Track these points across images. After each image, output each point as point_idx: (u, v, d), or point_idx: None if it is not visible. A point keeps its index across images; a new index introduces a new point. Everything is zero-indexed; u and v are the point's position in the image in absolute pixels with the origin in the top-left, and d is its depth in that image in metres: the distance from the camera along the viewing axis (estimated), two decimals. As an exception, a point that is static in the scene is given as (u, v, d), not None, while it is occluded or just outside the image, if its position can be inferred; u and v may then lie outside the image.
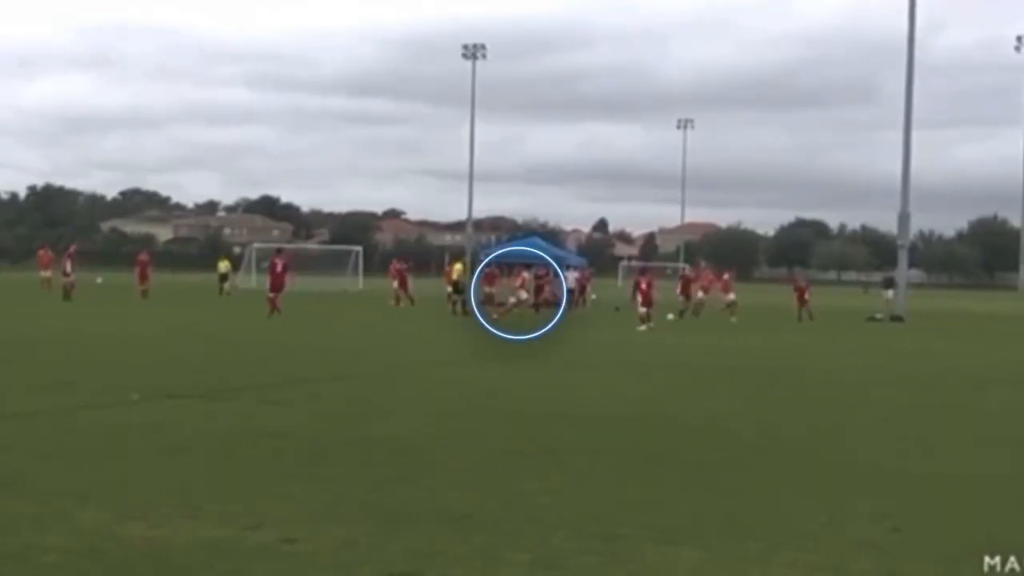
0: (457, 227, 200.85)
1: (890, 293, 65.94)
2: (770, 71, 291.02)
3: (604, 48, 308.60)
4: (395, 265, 65.53)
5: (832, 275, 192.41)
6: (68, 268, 56.42)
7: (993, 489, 12.75)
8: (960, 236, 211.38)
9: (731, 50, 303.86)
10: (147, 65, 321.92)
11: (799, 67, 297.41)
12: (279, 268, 45.23)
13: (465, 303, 51.90)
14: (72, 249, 58.66)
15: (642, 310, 44.72)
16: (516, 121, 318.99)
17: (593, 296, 66.86)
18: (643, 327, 43.24)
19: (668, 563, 9.29)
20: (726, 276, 59.11)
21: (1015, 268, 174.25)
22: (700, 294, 57.34)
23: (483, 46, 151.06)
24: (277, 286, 44.51)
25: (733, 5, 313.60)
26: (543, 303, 57.26)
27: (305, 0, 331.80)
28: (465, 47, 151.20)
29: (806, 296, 56.53)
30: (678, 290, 57.53)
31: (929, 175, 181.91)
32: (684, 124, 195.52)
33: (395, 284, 62.84)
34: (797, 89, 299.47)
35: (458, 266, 55.13)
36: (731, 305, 54.97)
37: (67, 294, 54.20)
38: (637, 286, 46.80)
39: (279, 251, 50.02)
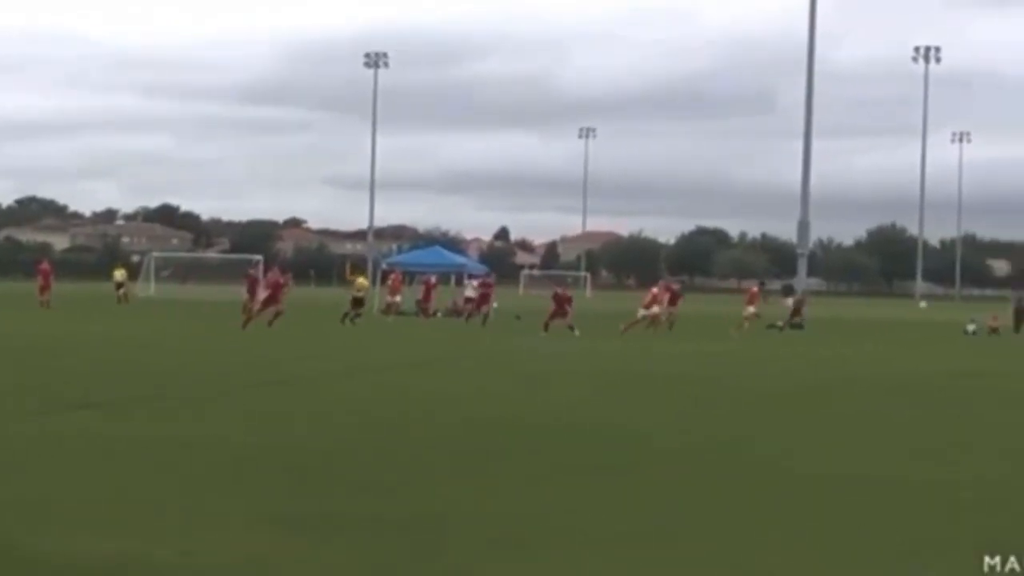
0: (359, 236, 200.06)
1: (790, 301, 66.42)
2: (672, 81, 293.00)
3: (506, 57, 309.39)
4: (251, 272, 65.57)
5: (732, 283, 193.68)
6: None
7: (890, 491, 12.84)
8: (859, 244, 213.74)
9: (633, 60, 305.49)
10: (45, 72, 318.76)
11: (700, 77, 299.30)
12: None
13: (358, 316, 51.18)
14: None
15: (559, 319, 45.80)
16: (418, 130, 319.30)
17: (495, 305, 66.64)
18: (577, 332, 44.35)
19: (572, 569, 9.26)
20: (754, 289, 58.57)
21: (913, 276, 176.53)
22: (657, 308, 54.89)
23: (385, 54, 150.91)
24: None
25: (634, 15, 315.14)
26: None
27: (205, 7, 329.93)
28: (367, 55, 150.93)
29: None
30: (666, 302, 55.68)
31: (829, 184, 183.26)
32: (586, 133, 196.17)
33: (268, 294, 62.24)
34: (698, 99, 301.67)
35: (361, 280, 54.60)
36: (748, 317, 54.46)
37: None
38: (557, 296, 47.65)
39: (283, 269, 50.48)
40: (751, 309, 55.45)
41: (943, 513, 11.79)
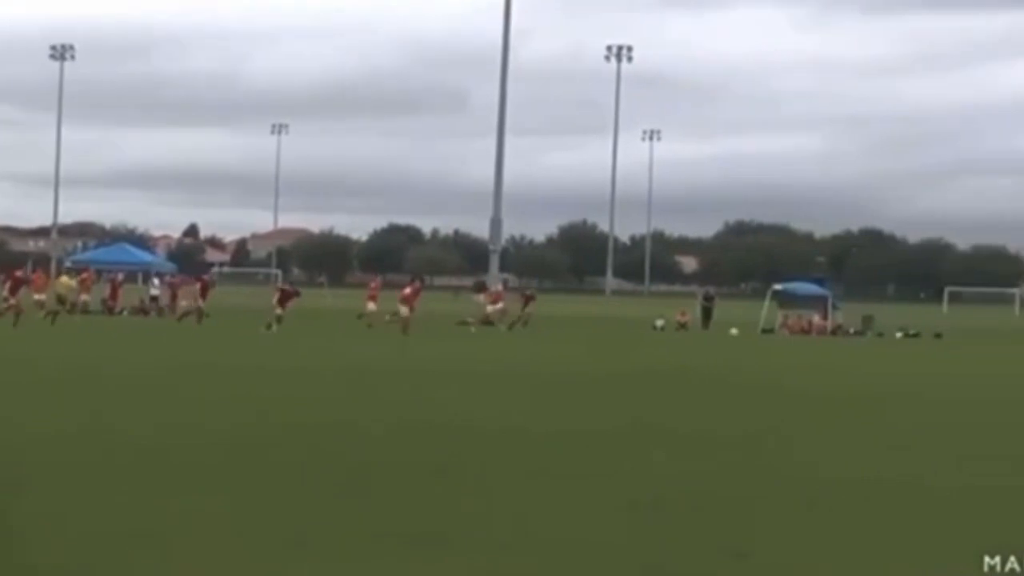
0: (41, 233, 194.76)
1: (481, 297, 66.80)
2: (364, 78, 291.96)
3: (196, 51, 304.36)
4: None
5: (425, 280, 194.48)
6: None
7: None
8: (551, 241, 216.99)
9: (327, 56, 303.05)
10: None
11: (393, 75, 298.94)
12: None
13: (51, 314, 49.70)
14: None
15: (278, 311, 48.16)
16: (105, 124, 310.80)
17: (183, 303, 64.90)
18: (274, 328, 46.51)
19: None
20: (499, 288, 59.31)
21: (604, 272, 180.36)
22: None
23: (72, 47, 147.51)
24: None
25: (329, 11, 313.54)
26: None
27: None
28: (53, 47, 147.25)
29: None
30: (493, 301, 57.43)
31: (521, 182, 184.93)
32: (278, 129, 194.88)
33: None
34: (392, 96, 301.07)
35: (65, 279, 54.49)
36: (496, 312, 55.21)
37: None
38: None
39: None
40: (499, 306, 56.47)
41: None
